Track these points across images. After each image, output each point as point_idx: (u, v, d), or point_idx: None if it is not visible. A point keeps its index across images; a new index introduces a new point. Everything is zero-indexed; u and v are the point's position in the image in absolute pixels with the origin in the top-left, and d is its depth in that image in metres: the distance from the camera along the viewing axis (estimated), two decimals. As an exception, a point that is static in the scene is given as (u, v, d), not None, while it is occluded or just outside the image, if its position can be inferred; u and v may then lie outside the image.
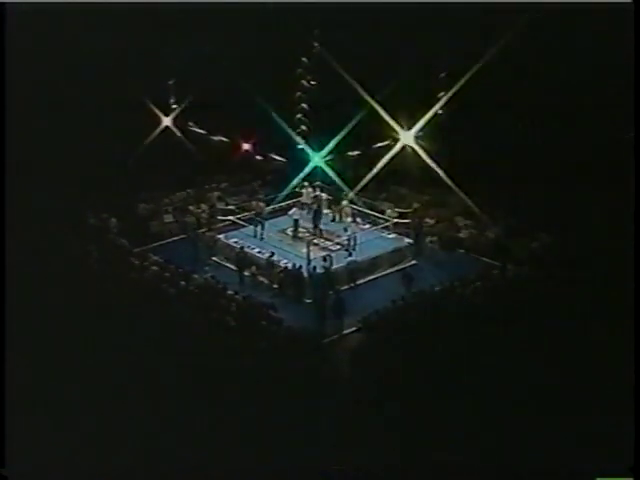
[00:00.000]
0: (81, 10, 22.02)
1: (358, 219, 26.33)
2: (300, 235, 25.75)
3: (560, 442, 14.89)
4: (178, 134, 28.65)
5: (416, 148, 24.80)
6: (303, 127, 26.74)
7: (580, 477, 13.78)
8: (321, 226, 25.92)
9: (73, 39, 24.25)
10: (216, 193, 29.84)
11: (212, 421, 16.43)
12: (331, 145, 25.74)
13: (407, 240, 25.42)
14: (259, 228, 25.91)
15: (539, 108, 24.99)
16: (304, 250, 23.96)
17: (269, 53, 26.12)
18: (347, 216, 26.22)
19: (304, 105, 26.61)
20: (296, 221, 26.05)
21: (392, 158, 24.95)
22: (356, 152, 27.18)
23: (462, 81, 23.26)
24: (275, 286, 23.36)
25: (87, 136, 25.91)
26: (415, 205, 27.55)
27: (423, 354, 18.34)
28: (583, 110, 23.97)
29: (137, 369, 17.62)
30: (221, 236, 25.64)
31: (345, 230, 25.32)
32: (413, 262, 24.85)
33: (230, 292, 21.91)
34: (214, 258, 24.97)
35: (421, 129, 24.89)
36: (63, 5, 21.37)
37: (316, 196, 26.91)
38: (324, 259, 23.20)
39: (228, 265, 24.66)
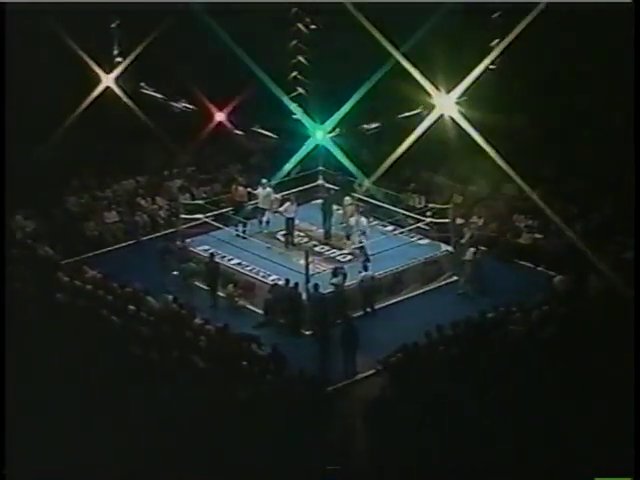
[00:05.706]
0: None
1: (371, 218, 26.33)
2: (296, 241, 25.97)
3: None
4: (124, 99, 28.67)
5: (457, 118, 24.85)
6: (300, 90, 26.82)
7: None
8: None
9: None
10: (178, 181, 30.03)
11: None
12: (338, 115, 25.79)
13: (445, 247, 25.56)
14: (240, 230, 26.05)
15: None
16: (301, 262, 24.04)
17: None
18: (359, 215, 26.10)
19: (301, 59, 26.69)
20: (290, 221, 26.16)
21: (424, 133, 25.01)
22: (373, 125, 27.26)
23: (524, 23, 23.32)
24: (261, 312, 23.43)
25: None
26: (456, 198, 27.64)
27: (468, 405, 18.32)
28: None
29: (75, 422, 17.67)
30: (185, 242, 25.71)
31: (361, 234, 25.37)
32: (454, 278, 25.05)
33: (199, 320, 21.96)
34: (176, 273, 25.03)
35: (465, 92, 24.96)
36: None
37: (328, 189, 27.11)
38: (334, 273, 23.25)
39: (196, 282, 24.75)
